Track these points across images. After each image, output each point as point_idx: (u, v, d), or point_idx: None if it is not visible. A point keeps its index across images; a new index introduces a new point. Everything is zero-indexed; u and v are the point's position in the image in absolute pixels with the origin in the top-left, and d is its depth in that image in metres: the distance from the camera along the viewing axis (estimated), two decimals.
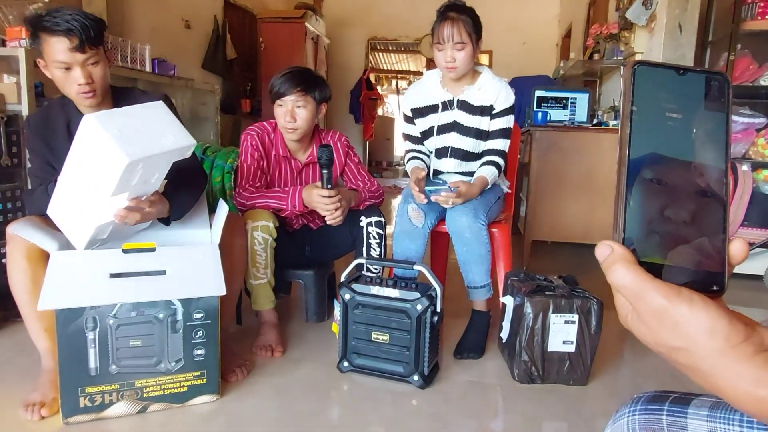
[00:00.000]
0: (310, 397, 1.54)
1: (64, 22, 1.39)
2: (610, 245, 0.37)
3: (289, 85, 1.84)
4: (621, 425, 0.58)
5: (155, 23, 4.06)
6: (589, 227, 3.06)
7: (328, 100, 1.96)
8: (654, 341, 0.37)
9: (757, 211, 2.95)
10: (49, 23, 1.39)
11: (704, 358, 0.35)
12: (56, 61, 1.42)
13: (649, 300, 0.36)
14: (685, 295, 0.35)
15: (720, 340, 0.35)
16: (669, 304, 0.35)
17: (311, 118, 1.89)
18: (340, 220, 1.81)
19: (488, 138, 1.98)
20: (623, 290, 0.37)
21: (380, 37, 7.56)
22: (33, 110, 2.14)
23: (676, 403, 0.56)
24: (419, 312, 1.55)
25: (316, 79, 1.92)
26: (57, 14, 1.40)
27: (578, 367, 1.63)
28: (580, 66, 3.90)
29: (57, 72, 1.45)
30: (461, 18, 1.82)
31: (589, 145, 3.00)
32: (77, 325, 1.28)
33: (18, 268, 1.38)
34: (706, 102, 0.38)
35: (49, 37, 1.41)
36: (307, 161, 2.00)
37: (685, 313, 0.35)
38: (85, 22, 1.42)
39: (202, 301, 1.40)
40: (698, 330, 0.35)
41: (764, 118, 2.92)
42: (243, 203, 1.87)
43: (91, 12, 3.02)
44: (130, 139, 1.19)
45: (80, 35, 1.41)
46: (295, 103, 1.85)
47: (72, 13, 1.41)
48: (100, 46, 1.49)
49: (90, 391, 1.32)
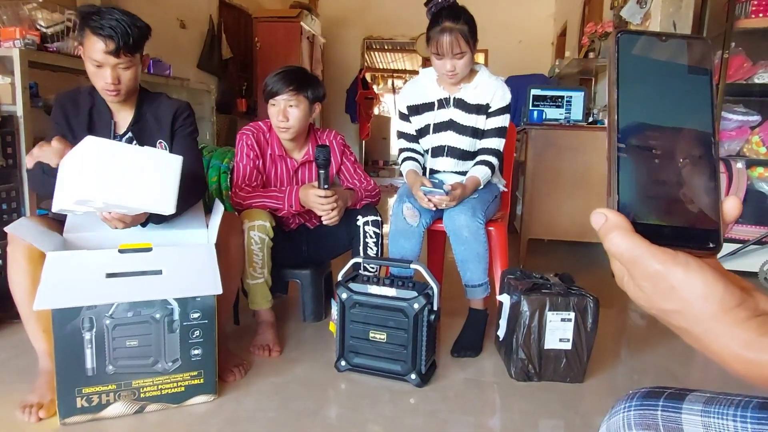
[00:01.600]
0: (308, 397, 1.54)
1: (108, 27, 1.45)
2: (604, 213, 0.38)
3: (281, 84, 1.84)
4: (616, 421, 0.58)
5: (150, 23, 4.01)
6: (585, 225, 3.06)
7: (321, 100, 1.95)
8: (649, 304, 0.38)
9: (752, 208, 2.97)
10: (95, 23, 1.45)
11: (698, 321, 0.36)
12: (91, 58, 1.49)
13: (645, 265, 0.36)
14: (680, 260, 0.36)
15: (714, 304, 0.35)
16: (664, 270, 0.36)
17: (304, 117, 1.89)
18: (336, 220, 1.81)
19: (483, 136, 1.98)
20: (619, 257, 0.37)
21: (376, 36, 7.56)
22: (28, 111, 2.13)
23: (671, 399, 0.56)
24: (416, 311, 1.56)
25: (309, 79, 1.92)
26: (105, 15, 1.46)
27: (575, 365, 1.64)
28: (576, 64, 3.91)
29: (89, 66, 1.51)
30: (458, 27, 1.79)
31: (585, 144, 3.01)
32: (74, 325, 1.28)
33: (18, 268, 1.38)
34: (690, 67, 0.39)
35: (91, 35, 1.46)
36: (302, 160, 2.00)
37: (680, 278, 0.35)
38: (128, 29, 1.48)
39: (199, 301, 1.40)
40: (693, 294, 0.35)
41: (758, 115, 2.94)
42: (240, 203, 1.87)
43: None
44: (103, 180, 1.20)
45: (118, 42, 1.47)
46: (287, 102, 1.85)
47: (120, 17, 1.47)
48: (137, 53, 1.55)
49: (87, 391, 1.32)
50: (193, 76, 4.56)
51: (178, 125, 1.68)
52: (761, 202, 2.97)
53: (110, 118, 1.61)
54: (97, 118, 1.61)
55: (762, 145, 2.91)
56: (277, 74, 1.87)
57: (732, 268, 2.91)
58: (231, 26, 5.42)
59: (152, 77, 3.38)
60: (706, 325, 0.36)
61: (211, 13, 5.01)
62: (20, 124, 2.11)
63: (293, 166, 1.99)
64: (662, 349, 1.98)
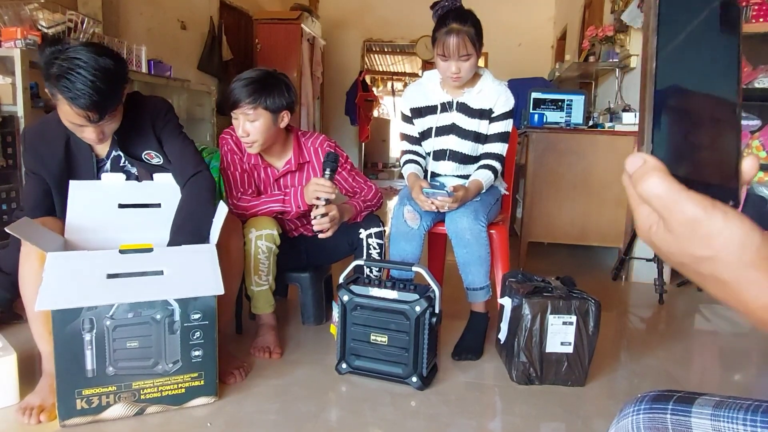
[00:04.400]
0: (309, 399, 1.53)
1: (82, 95, 1.29)
2: (643, 156, 0.37)
3: (237, 96, 1.71)
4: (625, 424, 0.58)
5: (151, 24, 4.05)
6: (586, 228, 3.07)
7: (287, 107, 1.79)
8: (679, 251, 0.38)
9: (752, 212, 2.97)
10: (67, 91, 1.30)
11: (732, 269, 0.36)
12: (68, 121, 1.38)
13: (683, 209, 0.36)
14: (719, 206, 0.36)
15: (751, 252, 0.35)
16: (704, 214, 0.35)
17: (266, 129, 1.76)
18: (329, 234, 1.73)
19: (486, 141, 1.98)
20: (655, 200, 0.37)
21: (376, 38, 7.56)
22: (28, 111, 2.13)
23: (680, 403, 0.56)
24: (418, 313, 1.55)
25: (270, 86, 1.74)
26: (74, 77, 1.29)
27: (576, 368, 1.63)
28: (576, 68, 3.91)
29: (67, 123, 1.40)
30: (465, 29, 1.78)
31: (585, 147, 3.02)
32: (74, 326, 1.28)
33: (30, 268, 1.36)
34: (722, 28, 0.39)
35: (65, 101, 1.32)
36: (284, 170, 1.91)
37: (719, 223, 0.35)
38: (104, 96, 1.32)
39: (200, 302, 1.39)
40: (731, 241, 0.35)
41: (758, 120, 2.95)
42: (243, 212, 1.81)
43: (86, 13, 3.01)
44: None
45: (99, 111, 1.34)
46: (245, 117, 1.73)
47: (90, 77, 1.29)
48: (119, 106, 1.42)
49: (87, 393, 1.31)
50: (194, 78, 4.56)
51: (160, 127, 1.59)
52: (761, 207, 2.98)
53: (89, 148, 1.53)
54: (75, 150, 1.51)
55: (762, 150, 2.92)
56: (237, 82, 1.74)
57: None
58: (231, 28, 5.42)
59: (153, 78, 3.38)
60: (739, 273, 0.36)
61: (211, 15, 5.01)
62: (21, 125, 2.11)
63: (274, 174, 1.91)
64: (662, 353, 1.98)
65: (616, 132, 3.00)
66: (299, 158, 1.92)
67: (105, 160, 1.58)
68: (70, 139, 1.49)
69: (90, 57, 1.32)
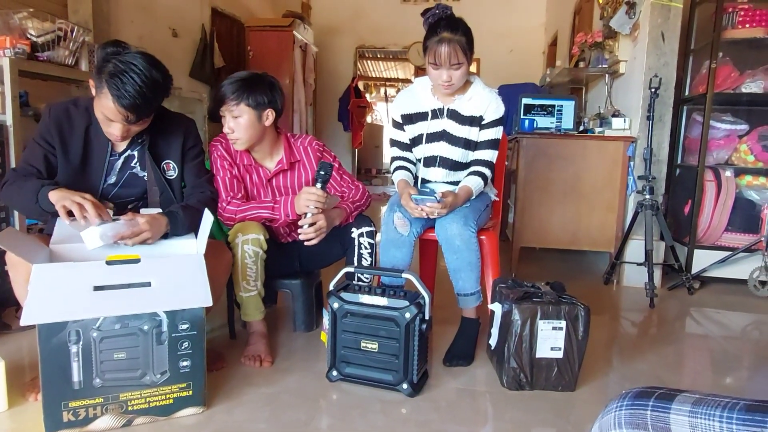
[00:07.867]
0: (299, 407, 1.53)
1: (129, 96, 1.40)
2: None
3: (222, 94, 1.80)
4: (608, 419, 0.60)
5: (142, 32, 4.05)
6: (576, 233, 3.09)
7: (272, 105, 1.84)
8: None
9: (740, 216, 3.00)
10: (116, 89, 1.40)
11: None
12: (103, 114, 1.47)
13: None
14: None
15: None
16: None
17: (251, 126, 1.82)
18: (315, 242, 1.77)
19: (476, 148, 1.99)
20: None
21: (368, 45, 7.59)
22: (18, 120, 2.11)
23: (661, 399, 0.58)
24: (408, 320, 1.55)
25: (253, 85, 1.81)
26: (126, 79, 1.40)
27: (566, 373, 1.64)
28: (566, 74, 3.94)
29: (100, 115, 1.49)
30: (456, 38, 1.79)
31: (576, 152, 3.03)
32: (60, 338, 1.26)
33: (22, 272, 1.35)
34: None
35: (109, 95, 1.42)
36: (276, 170, 1.95)
37: None
38: (149, 102, 1.44)
39: (188, 312, 1.38)
40: None
41: (746, 124, 2.98)
42: (232, 217, 1.83)
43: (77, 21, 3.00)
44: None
45: (137, 115, 1.45)
46: (230, 113, 1.81)
47: (142, 82, 1.41)
48: (151, 115, 1.54)
49: (74, 405, 1.30)
50: (185, 85, 4.56)
51: (189, 147, 1.70)
52: (749, 210, 3.00)
53: (107, 139, 1.58)
54: (93, 138, 1.57)
55: (750, 154, 2.95)
56: (224, 82, 1.83)
57: (722, 276, 2.94)
58: (223, 35, 5.43)
59: None
60: None
61: (203, 22, 5.02)
62: (10, 133, 2.10)
63: (266, 175, 1.95)
64: (653, 357, 1.99)
65: (606, 137, 3.02)
66: (290, 157, 1.96)
67: (117, 156, 1.62)
68: (91, 127, 1.56)
69: (145, 66, 1.43)
